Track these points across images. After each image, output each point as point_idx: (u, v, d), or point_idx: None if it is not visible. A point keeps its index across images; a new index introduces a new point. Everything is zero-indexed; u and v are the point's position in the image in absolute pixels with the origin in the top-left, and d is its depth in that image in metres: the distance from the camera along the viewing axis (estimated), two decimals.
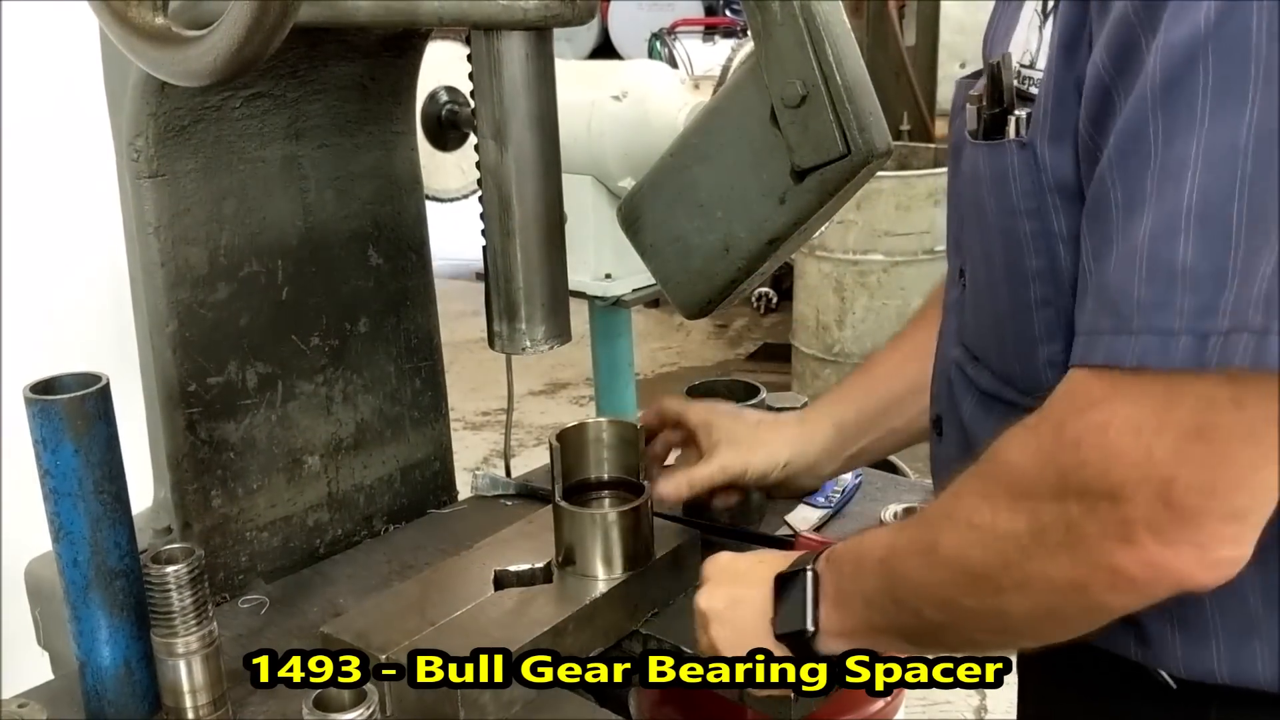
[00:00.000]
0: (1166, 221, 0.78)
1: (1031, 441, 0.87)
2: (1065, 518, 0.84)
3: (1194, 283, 0.77)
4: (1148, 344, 0.79)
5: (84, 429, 1.16)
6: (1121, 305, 0.81)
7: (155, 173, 1.39)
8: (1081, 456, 0.82)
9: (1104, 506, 0.82)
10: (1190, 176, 0.78)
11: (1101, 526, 0.82)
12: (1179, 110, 0.79)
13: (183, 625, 1.20)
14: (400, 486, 1.73)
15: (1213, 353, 0.76)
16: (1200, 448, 0.79)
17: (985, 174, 1.03)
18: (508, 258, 1.28)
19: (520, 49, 1.21)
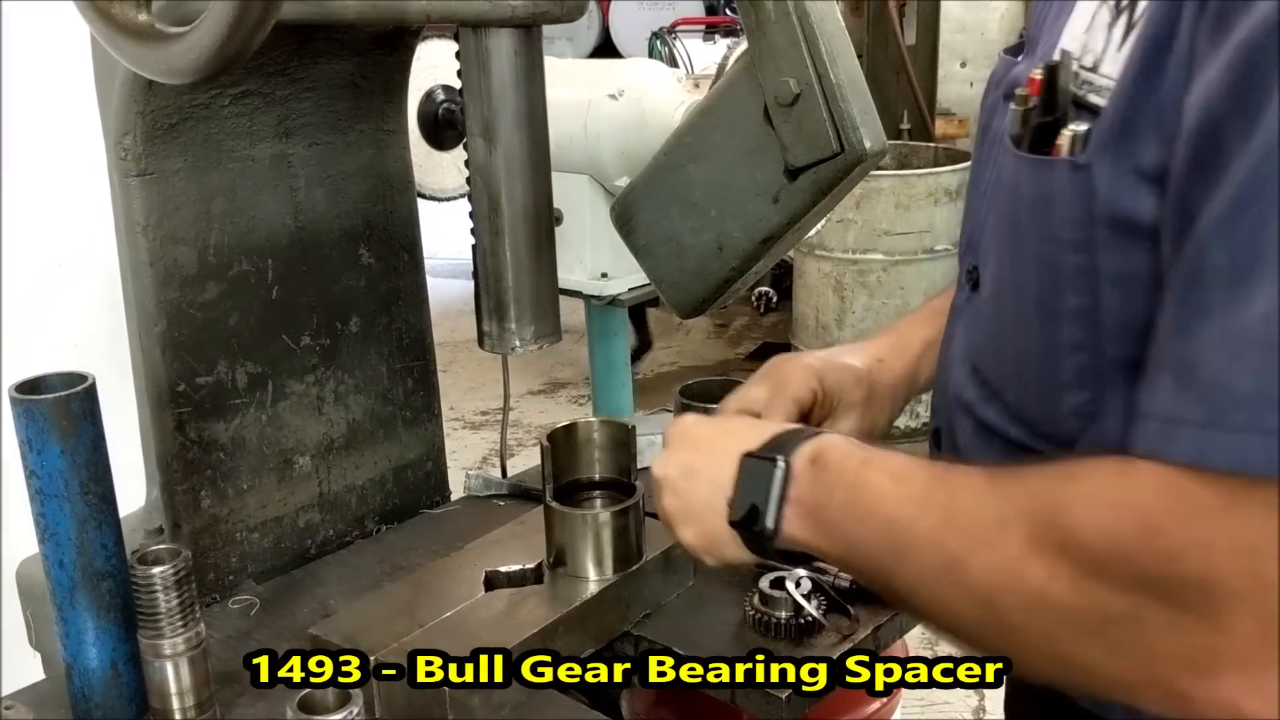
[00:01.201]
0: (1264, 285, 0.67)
1: (1109, 523, 0.76)
2: (1138, 618, 0.74)
3: None
4: (1251, 445, 0.68)
5: (70, 429, 1.16)
6: (1218, 395, 0.70)
7: (144, 171, 1.38)
8: (1180, 571, 0.71)
9: (1193, 626, 0.71)
10: None
11: (1181, 648, 0.72)
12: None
13: (169, 627, 1.19)
14: (392, 487, 1.72)
15: None
16: None
17: (1025, 191, 0.93)
18: (497, 257, 1.28)
19: (509, 47, 1.20)
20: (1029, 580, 0.79)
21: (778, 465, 0.98)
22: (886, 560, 0.92)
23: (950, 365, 1.14)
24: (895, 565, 0.91)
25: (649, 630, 1.40)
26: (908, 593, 0.92)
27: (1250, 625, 0.69)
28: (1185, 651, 0.72)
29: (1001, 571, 0.82)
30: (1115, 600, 0.75)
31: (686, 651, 1.34)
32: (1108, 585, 0.75)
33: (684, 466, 1.08)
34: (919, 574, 0.89)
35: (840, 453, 0.98)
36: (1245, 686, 0.70)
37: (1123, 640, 0.75)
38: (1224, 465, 0.69)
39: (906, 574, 0.91)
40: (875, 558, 0.93)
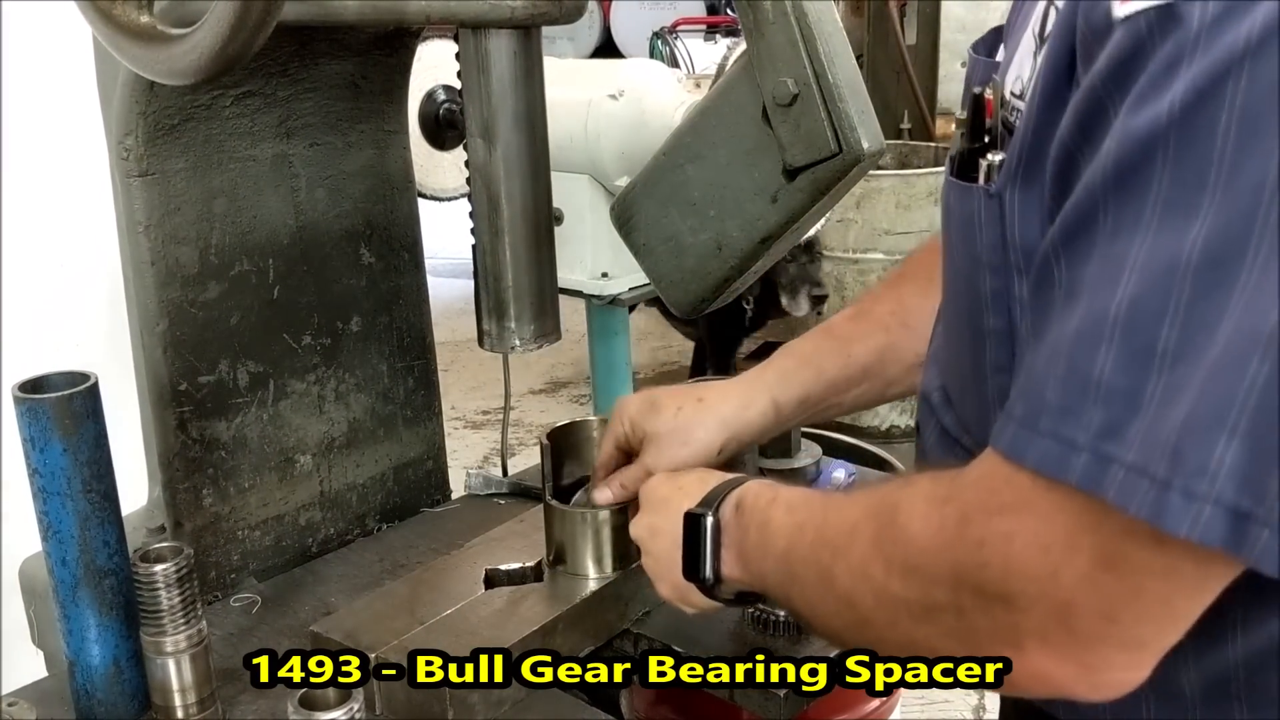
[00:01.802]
0: (1094, 323, 0.72)
1: (935, 520, 0.83)
2: (957, 604, 0.81)
3: (1106, 397, 0.70)
4: (1048, 450, 0.73)
5: (72, 428, 1.16)
6: (1033, 398, 0.75)
7: (145, 171, 1.39)
8: (983, 558, 0.78)
9: (997, 609, 0.78)
10: (1125, 281, 0.70)
11: (992, 626, 0.80)
12: (1128, 204, 0.71)
13: (171, 624, 1.20)
14: (393, 485, 1.73)
15: (1111, 482, 0.70)
16: (1109, 578, 0.74)
17: (954, 212, 0.96)
18: (496, 257, 1.28)
19: (508, 47, 1.21)
20: (873, 578, 0.88)
21: (707, 518, 1.09)
22: (786, 585, 1.02)
23: (928, 364, 1.17)
24: (790, 587, 1.01)
25: (648, 628, 1.40)
26: (804, 612, 1.01)
27: (1044, 607, 0.76)
28: (995, 629, 0.79)
29: (854, 573, 0.91)
30: (939, 590, 0.82)
31: (686, 649, 1.35)
32: (932, 575, 0.83)
33: (650, 527, 1.20)
34: (803, 591, 0.99)
35: (754, 495, 1.08)
36: (1048, 657, 0.78)
37: (949, 625, 0.83)
38: (1029, 465, 0.75)
39: (797, 594, 1.01)
40: (780, 585, 1.03)
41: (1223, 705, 0.88)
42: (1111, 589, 0.74)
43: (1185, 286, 0.68)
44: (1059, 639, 0.77)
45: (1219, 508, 0.67)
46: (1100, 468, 0.70)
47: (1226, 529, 0.67)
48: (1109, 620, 0.75)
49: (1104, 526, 0.72)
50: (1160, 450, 0.68)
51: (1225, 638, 0.85)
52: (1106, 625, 0.75)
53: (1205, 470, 0.67)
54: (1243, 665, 0.86)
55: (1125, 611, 0.75)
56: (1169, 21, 0.70)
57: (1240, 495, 0.66)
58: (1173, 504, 0.67)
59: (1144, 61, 0.71)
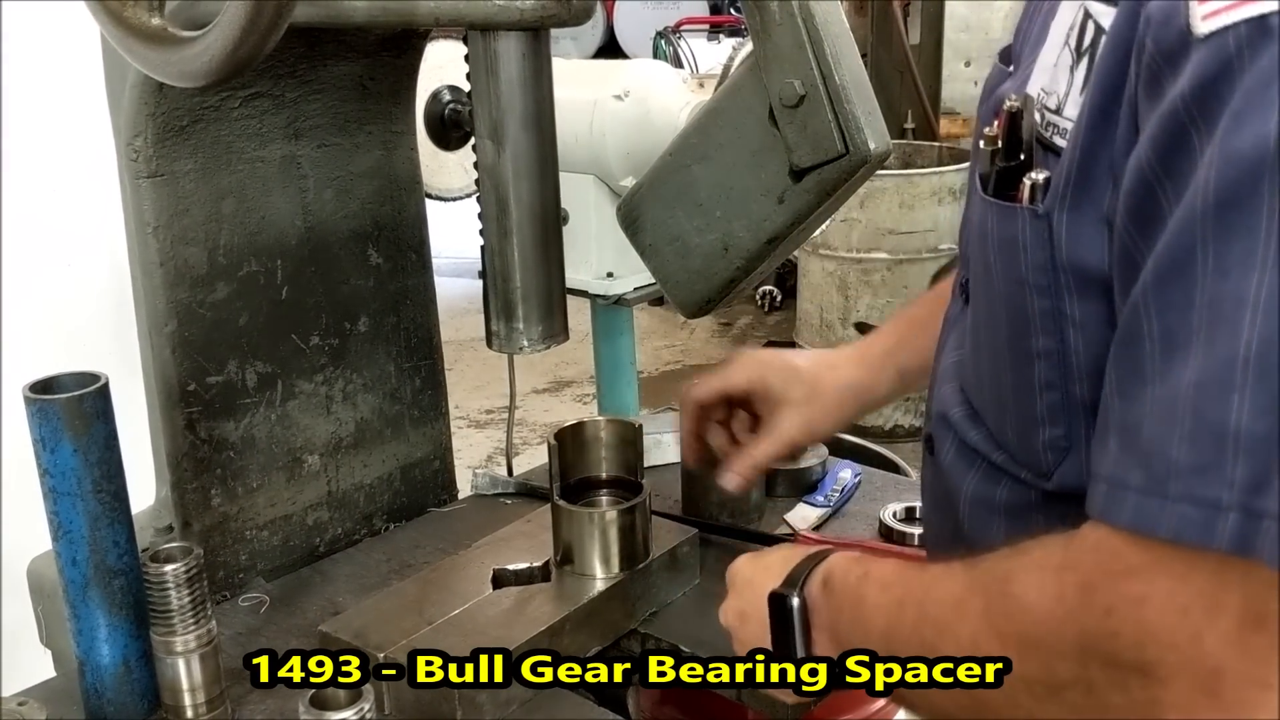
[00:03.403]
0: (1218, 371, 0.66)
1: (1052, 588, 0.76)
2: (1086, 680, 0.74)
3: (1249, 449, 0.65)
4: (1187, 516, 0.67)
5: (83, 429, 1.17)
6: (1155, 463, 0.69)
7: (154, 172, 1.39)
8: (1113, 627, 0.72)
9: (1134, 682, 0.71)
10: (1248, 321, 0.65)
11: (1128, 702, 0.72)
12: (1237, 237, 0.66)
13: (181, 624, 1.20)
14: (400, 485, 1.73)
15: (1265, 540, 0.64)
16: (1261, 639, 0.67)
17: (994, 233, 0.92)
18: (505, 257, 1.28)
19: (517, 49, 1.21)
20: (988, 655, 0.81)
21: (792, 599, 1.02)
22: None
23: (940, 378, 1.14)
24: None
25: (655, 628, 1.41)
26: (911, 697, 0.95)
27: (1186, 679, 0.69)
28: (1132, 706, 0.72)
29: (965, 652, 0.83)
30: (1063, 664, 0.76)
31: (692, 649, 1.35)
32: (1055, 649, 0.76)
33: (739, 613, 1.15)
34: None
35: (842, 571, 1.02)
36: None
37: (1077, 702, 0.76)
38: (1164, 535, 0.69)
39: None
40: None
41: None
42: (1262, 652, 0.67)
43: None
44: (1206, 712, 0.69)
45: None
46: (1251, 526, 0.65)
47: None
48: (1262, 686, 0.68)
49: (1249, 582, 0.67)
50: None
51: None
52: (1260, 691, 0.68)
53: None
54: None
55: (1277, 674, 0.67)
56: (1262, 36, 0.66)
57: None
58: None
59: (1235, 80, 0.68)
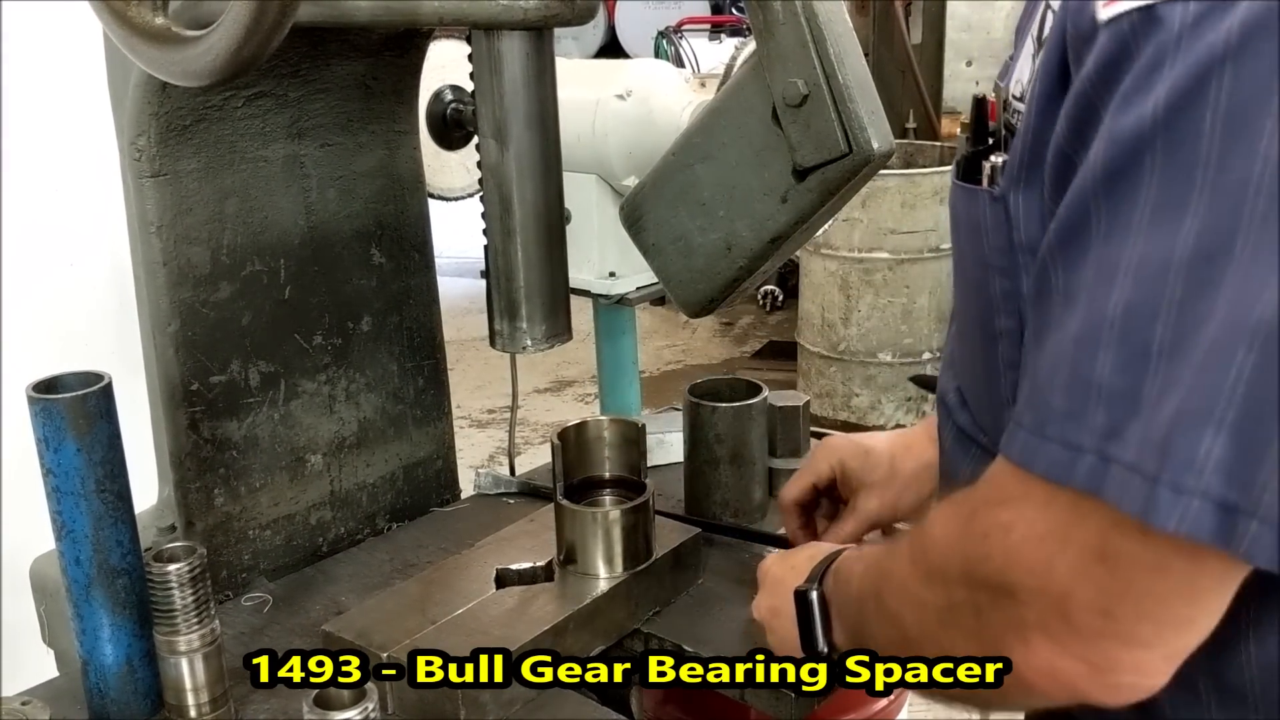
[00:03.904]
0: (1093, 327, 0.73)
1: (951, 520, 0.86)
2: (974, 602, 0.82)
3: (1108, 400, 0.71)
4: (1055, 455, 0.75)
5: (86, 428, 1.17)
6: (1040, 406, 0.77)
7: (157, 172, 1.39)
8: (986, 550, 0.80)
9: (1005, 602, 0.79)
10: (1119, 284, 0.72)
11: (1003, 621, 0.80)
12: (1120, 206, 0.72)
13: (184, 623, 1.20)
14: (403, 485, 1.73)
15: (1111, 483, 0.71)
16: (1101, 570, 0.74)
17: (961, 217, 0.98)
18: (508, 257, 1.29)
19: (520, 49, 1.21)
20: (910, 590, 0.91)
21: (812, 593, 1.12)
22: (862, 628, 1.05)
23: (944, 367, 1.18)
24: (865, 627, 1.04)
25: (658, 628, 1.41)
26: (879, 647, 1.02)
27: (1041, 602, 0.77)
28: (1006, 624, 0.80)
29: (897, 591, 0.94)
30: (958, 589, 0.84)
31: (695, 649, 1.35)
32: (950, 575, 0.85)
33: (771, 609, 1.24)
34: (871, 627, 1.02)
35: (845, 559, 1.12)
36: (1055, 652, 0.78)
37: (970, 625, 0.84)
38: (1037, 471, 0.76)
39: (869, 631, 1.03)
40: (860, 630, 1.06)
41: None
42: (1104, 582, 0.74)
43: (1177, 285, 0.69)
44: (1061, 633, 0.77)
45: (1206, 501, 0.67)
46: (1102, 469, 0.71)
47: (1214, 523, 0.67)
48: (1105, 615, 0.75)
49: (1094, 519, 0.73)
50: (1152, 447, 0.69)
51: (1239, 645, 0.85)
52: (1104, 620, 0.75)
53: (1193, 464, 0.67)
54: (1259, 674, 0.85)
55: (1120, 606, 0.75)
56: (1150, 24, 0.71)
57: (1228, 488, 0.67)
58: (1162, 499, 0.68)
59: (1128, 64, 0.73)
